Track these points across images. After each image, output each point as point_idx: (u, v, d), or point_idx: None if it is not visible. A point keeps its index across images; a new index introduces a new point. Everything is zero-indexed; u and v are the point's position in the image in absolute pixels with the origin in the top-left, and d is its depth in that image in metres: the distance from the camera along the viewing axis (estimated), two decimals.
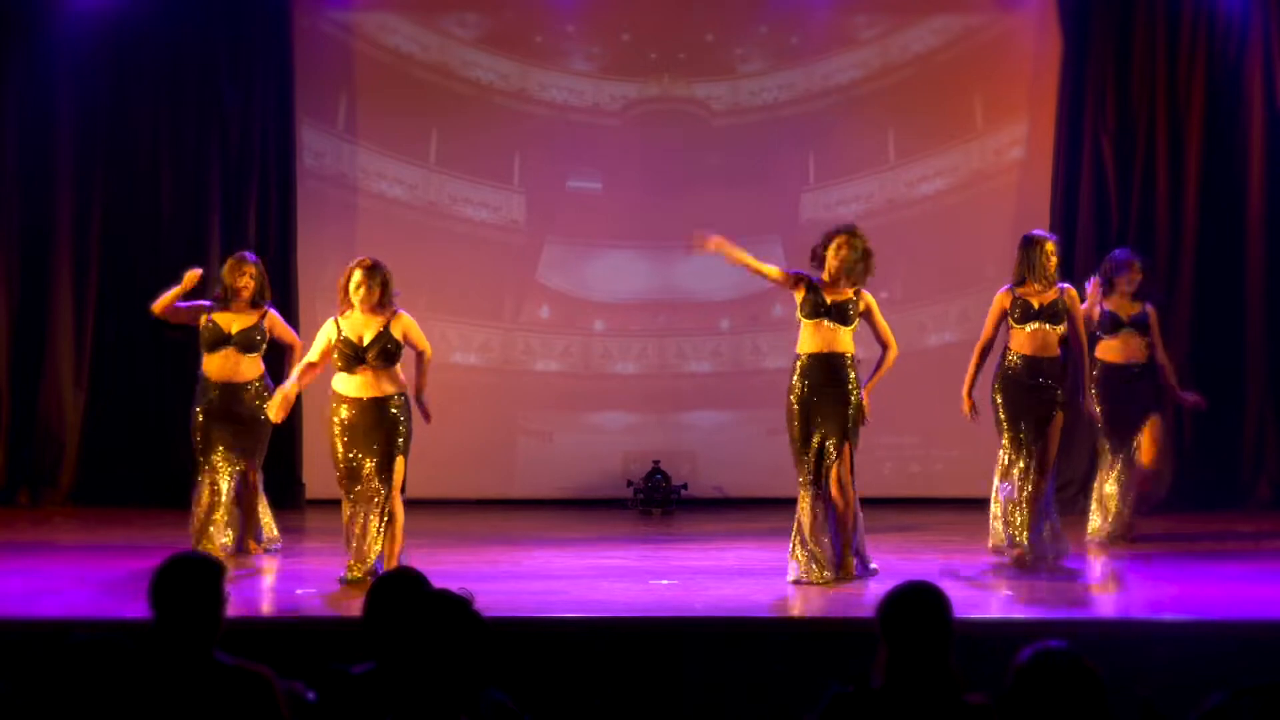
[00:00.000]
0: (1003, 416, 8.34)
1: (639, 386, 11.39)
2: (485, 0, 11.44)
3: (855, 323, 7.94)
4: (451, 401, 11.45)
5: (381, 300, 7.88)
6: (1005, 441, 8.33)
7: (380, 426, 7.76)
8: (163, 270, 10.83)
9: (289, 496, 10.91)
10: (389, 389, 7.81)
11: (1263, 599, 7.33)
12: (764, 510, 10.46)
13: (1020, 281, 8.41)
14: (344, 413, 7.81)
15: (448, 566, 8.03)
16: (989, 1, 11.45)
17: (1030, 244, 8.44)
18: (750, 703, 6.21)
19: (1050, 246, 8.41)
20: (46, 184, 10.92)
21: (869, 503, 8.45)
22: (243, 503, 8.63)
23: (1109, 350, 9.25)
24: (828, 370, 7.88)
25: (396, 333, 7.83)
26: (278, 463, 11.07)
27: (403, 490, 7.88)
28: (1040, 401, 8.28)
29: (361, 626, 4.08)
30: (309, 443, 11.10)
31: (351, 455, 7.80)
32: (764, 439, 11.31)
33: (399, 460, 7.78)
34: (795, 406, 7.87)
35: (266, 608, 7.50)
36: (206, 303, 8.69)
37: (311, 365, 7.92)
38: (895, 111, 11.40)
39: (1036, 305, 8.32)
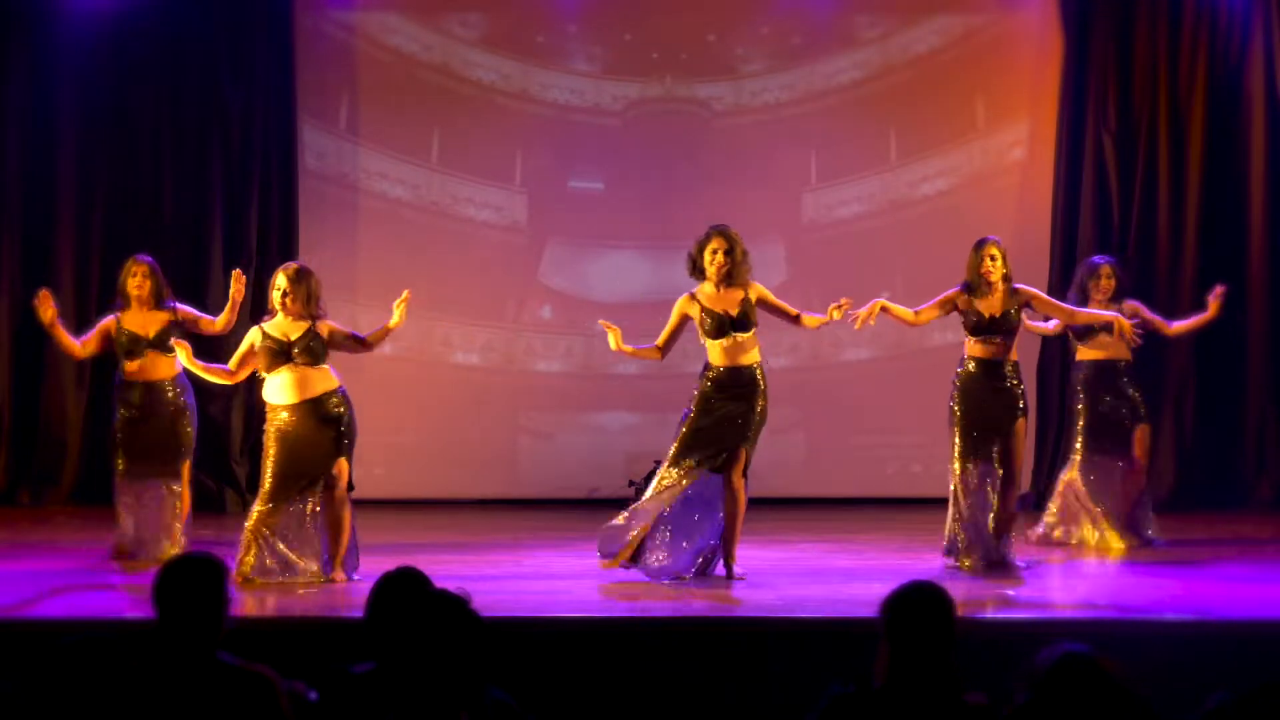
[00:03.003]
0: (957, 421, 8.26)
1: (640, 387, 11.39)
2: (487, 0, 11.45)
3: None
4: (453, 401, 11.49)
5: (307, 308, 7.83)
6: (956, 451, 8.26)
7: (323, 428, 7.74)
8: (164, 271, 10.85)
9: None
10: (322, 388, 7.80)
11: (1263, 599, 7.33)
12: (764, 510, 10.45)
13: (971, 288, 8.31)
14: (282, 418, 7.75)
15: (450, 566, 8.04)
16: (990, 2, 11.46)
17: (974, 248, 8.34)
18: (750, 703, 6.21)
19: (993, 250, 8.26)
20: (48, 184, 10.94)
21: (872, 503, 8.47)
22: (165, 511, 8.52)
23: (1089, 350, 9.16)
24: (739, 381, 7.94)
25: (322, 331, 7.83)
26: None
27: (351, 489, 7.85)
28: (1001, 406, 8.21)
29: (363, 626, 4.09)
30: None
31: (291, 461, 7.72)
32: (765, 439, 11.27)
33: (342, 462, 7.75)
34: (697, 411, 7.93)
35: (267, 608, 7.49)
36: (108, 317, 8.56)
37: (229, 373, 7.90)
38: (897, 111, 11.40)
39: (988, 317, 8.22)
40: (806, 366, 11.41)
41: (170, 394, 8.50)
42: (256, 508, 7.76)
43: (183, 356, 7.99)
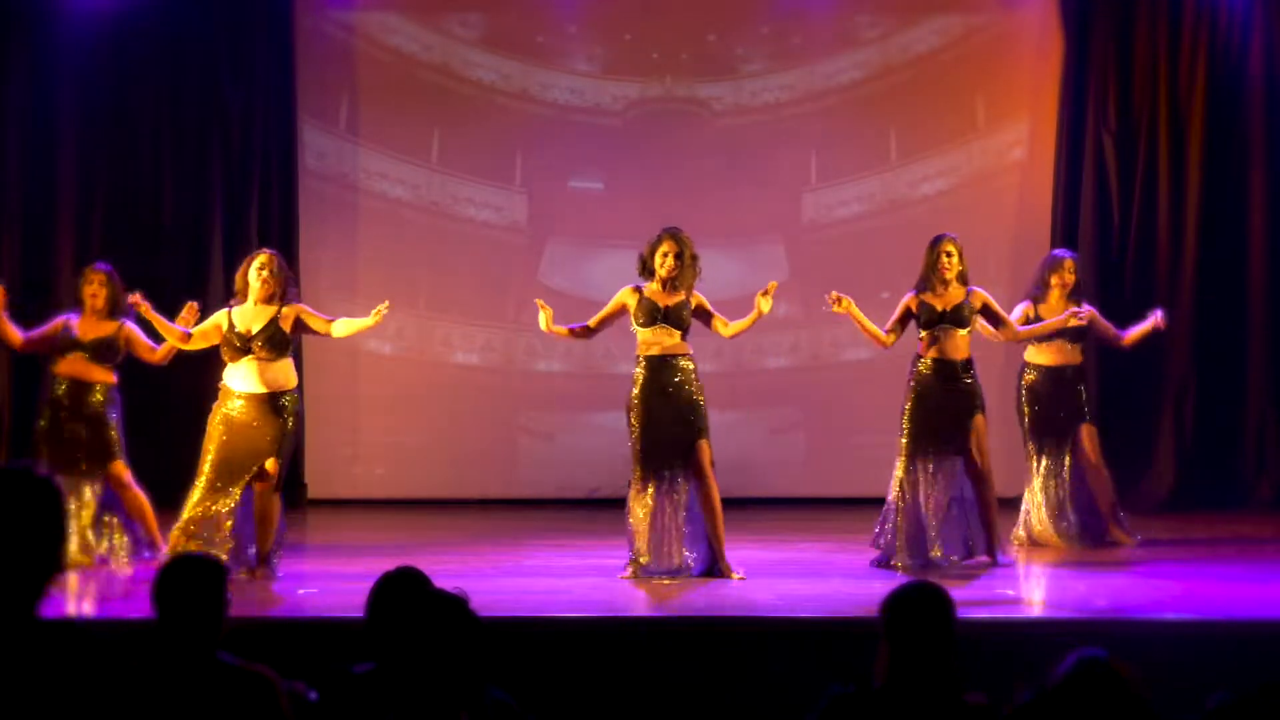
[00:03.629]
0: (908, 423, 8.23)
1: None
2: (487, 0, 11.45)
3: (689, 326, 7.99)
4: (453, 401, 11.49)
5: (276, 293, 7.86)
6: (904, 451, 8.24)
7: (269, 424, 7.77)
8: (164, 271, 10.86)
9: (290, 497, 10.92)
10: (280, 384, 7.83)
11: (1263, 599, 7.33)
12: (765, 510, 10.47)
13: (924, 285, 8.31)
14: (234, 405, 7.81)
15: (450, 567, 8.04)
16: (990, 1, 11.45)
17: (931, 245, 8.34)
18: (750, 703, 6.21)
19: (949, 247, 8.27)
20: (48, 184, 10.93)
21: (872, 502, 8.47)
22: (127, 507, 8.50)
23: (1040, 354, 9.10)
24: (670, 372, 7.93)
25: (285, 323, 7.83)
26: None
27: (281, 489, 7.90)
28: (957, 404, 8.19)
29: (364, 626, 4.09)
30: (311, 443, 11.12)
31: (230, 449, 7.76)
32: (765, 439, 11.34)
33: (272, 462, 7.77)
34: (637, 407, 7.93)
35: (267, 608, 7.50)
36: (61, 317, 8.54)
37: (187, 335, 7.91)
38: (897, 111, 11.40)
39: (940, 309, 8.23)
40: (806, 366, 11.42)
41: (97, 399, 8.45)
42: (193, 501, 7.77)
43: (142, 310, 7.98)
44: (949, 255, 8.27)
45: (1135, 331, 9.19)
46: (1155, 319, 9.06)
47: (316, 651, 5.48)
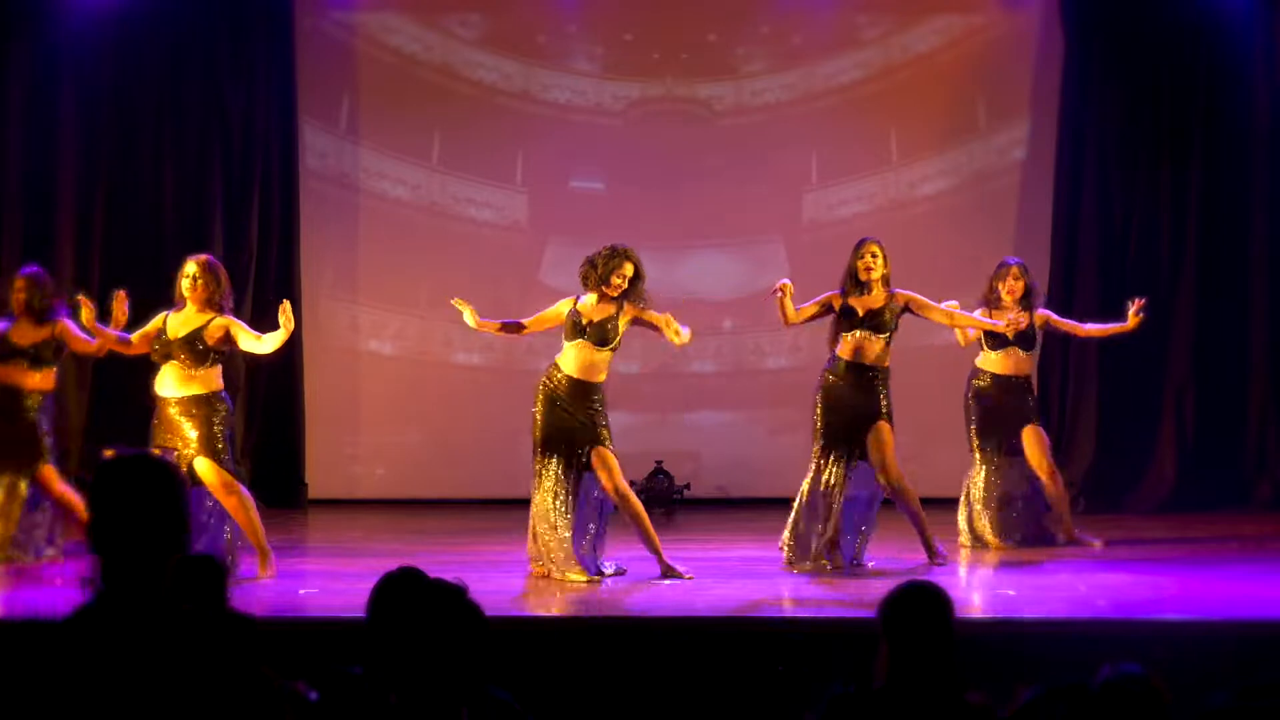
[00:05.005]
0: (818, 423, 8.21)
1: (641, 386, 11.39)
2: (488, 0, 11.45)
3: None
4: (454, 401, 11.50)
5: (210, 298, 7.84)
6: (814, 453, 8.21)
7: (185, 423, 7.77)
8: (165, 271, 10.85)
9: (291, 496, 10.94)
10: (200, 389, 7.80)
11: (1263, 599, 7.33)
12: (766, 510, 10.45)
13: (847, 287, 8.27)
14: (160, 406, 7.84)
15: (450, 567, 8.03)
16: (991, 1, 11.45)
17: (855, 247, 8.32)
18: (750, 703, 6.21)
19: (873, 249, 8.24)
20: (49, 184, 10.93)
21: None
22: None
23: (992, 362, 9.05)
24: (583, 389, 7.98)
25: (210, 335, 7.79)
26: (280, 463, 11.12)
27: (236, 490, 7.85)
28: (864, 409, 8.14)
29: (364, 626, 4.09)
30: (311, 443, 11.13)
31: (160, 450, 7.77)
32: (766, 439, 11.34)
33: (202, 461, 7.74)
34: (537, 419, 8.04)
35: (267, 608, 7.50)
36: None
37: (126, 344, 7.94)
38: (897, 111, 11.40)
39: (861, 312, 8.20)
40: (806, 366, 11.38)
41: (28, 402, 8.45)
42: None
43: (85, 315, 7.94)
44: (874, 257, 8.23)
45: (1103, 328, 9.19)
46: (1134, 309, 8.98)
47: (316, 651, 5.48)
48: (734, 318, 11.42)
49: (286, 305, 7.76)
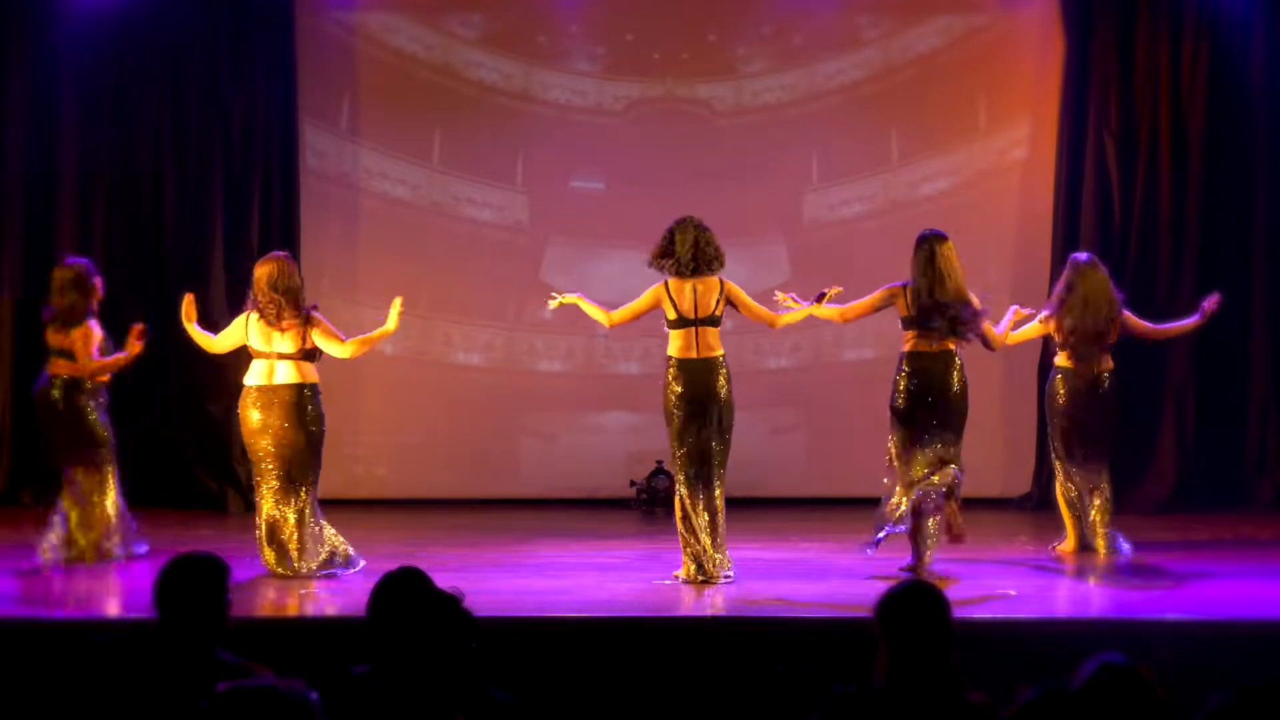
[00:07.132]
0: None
1: (642, 387, 11.37)
2: (488, 1, 11.45)
3: None
4: (455, 402, 11.50)
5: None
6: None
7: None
8: (165, 271, 10.87)
9: None
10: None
11: (1263, 599, 7.33)
12: (766, 510, 10.47)
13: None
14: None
15: (451, 566, 8.05)
16: (992, 2, 11.45)
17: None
18: (750, 703, 6.22)
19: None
20: (50, 185, 10.94)
21: (872, 502, 8.44)
22: None
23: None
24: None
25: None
26: None
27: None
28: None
29: (365, 626, 4.09)
30: None
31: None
32: (767, 439, 11.33)
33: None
34: None
35: (267, 608, 7.51)
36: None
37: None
38: (898, 112, 11.40)
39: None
40: (806, 366, 11.42)
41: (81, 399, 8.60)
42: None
43: (186, 306, 8.16)
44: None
45: (1168, 327, 9.24)
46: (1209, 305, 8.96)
47: (316, 651, 5.49)
48: (734, 318, 11.40)
49: (398, 301, 8.22)
